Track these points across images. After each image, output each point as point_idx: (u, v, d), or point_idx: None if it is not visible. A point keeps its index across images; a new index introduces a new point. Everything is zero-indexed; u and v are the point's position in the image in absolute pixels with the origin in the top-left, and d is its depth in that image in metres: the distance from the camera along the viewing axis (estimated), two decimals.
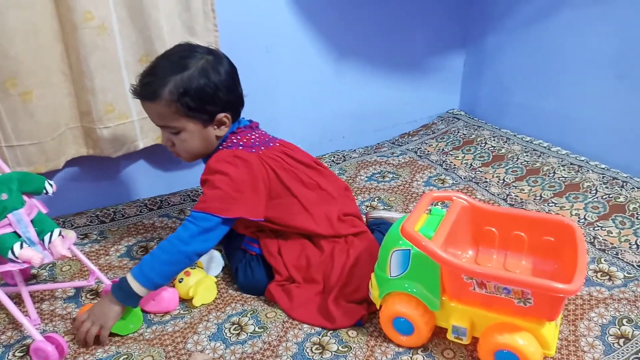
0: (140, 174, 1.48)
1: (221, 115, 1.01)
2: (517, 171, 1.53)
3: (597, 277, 1.10)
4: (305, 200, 1.08)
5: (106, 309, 0.93)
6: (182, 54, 1.00)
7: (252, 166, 1.01)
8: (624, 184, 1.38)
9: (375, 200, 1.45)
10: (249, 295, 1.10)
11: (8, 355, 0.96)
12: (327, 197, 1.11)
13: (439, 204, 1.33)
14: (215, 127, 1.03)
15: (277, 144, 1.10)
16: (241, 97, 1.05)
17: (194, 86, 0.96)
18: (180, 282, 1.07)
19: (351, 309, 1.00)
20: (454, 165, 1.61)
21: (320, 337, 0.98)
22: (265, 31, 1.49)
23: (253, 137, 1.08)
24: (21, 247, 0.90)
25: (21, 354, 0.96)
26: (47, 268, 1.19)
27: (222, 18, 1.33)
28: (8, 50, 1.12)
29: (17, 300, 1.04)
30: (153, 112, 1.00)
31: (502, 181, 1.49)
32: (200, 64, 0.97)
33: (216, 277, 1.14)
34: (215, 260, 1.17)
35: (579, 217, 1.29)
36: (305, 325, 1.00)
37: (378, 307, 0.97)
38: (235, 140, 1.05)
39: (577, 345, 0.93)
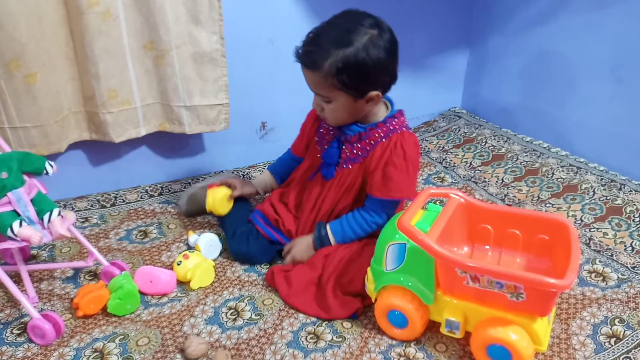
0: (142, 160, 1.49)
1: (373, 93, 1.02)
2: (516, 171, 1.53)
3: (591, 277, 1.10)
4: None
5: (308, 251, 1.11)
6: (349, 25, 0.98)
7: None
8: (622, 186, 1.39)
9: None
10: (246, 280, 1.11)
11: (6, 332, 0.97)
12: None
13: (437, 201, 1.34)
14: (366, 102, 1.04)
15: None
16: (395, 75, 1.06)
17: (353, 64, 0.96)
18: (178, 264, 1.08)
19: (347, 301, 1.01)
20: (454, 163, 1.61)
21: (315, 326, 0.99)
22: (270, 23, 1.49)
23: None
24: (20, 225, 0.91)
25: (19, 332, 0.97)
26: (47, 249, 1.20)
27: (227, 8, 1.33)
28: (11, 32, 1.12)
29: (16, 279, 1.05)
30: (310, 79, 1.02)
31: (500, 181, 1.50)
32: (363, 41, 0.96)
33: (214, 260, 1.15)
34: (213, 244, 1.18)
35: (575, 218, 1.30)
36: (300, 315, 1.01)
37: (373, 300, 0.98)
38: (407, 124, 1.10)
39: (568, 343, 0.94)
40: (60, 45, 1.22)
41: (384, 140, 1.06)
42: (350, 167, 1.09)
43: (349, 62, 0.96)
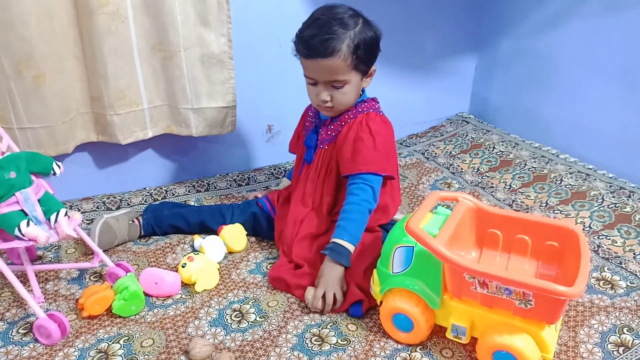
0: (148, 162, 1.49)
1: (374, 68, 1.10)
2: (524, 177, 1.52)
3: (599, 285, 1.09)
4: (397, 185, 1.19)
5: (336, 274, 1.02)
6: (336, 13, 1.04)
7: (393, 132, 1.14)
8: (631, 194, 1.37)
9: None
10: (251, 282, 1.11)
11: (12, 331, 0.97)
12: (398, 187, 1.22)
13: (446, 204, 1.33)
14: (366, 79, 1.10)
15: None
16: None
17: (365, 39, 1.03)
18: (183, 267, 1.08)
19: (349, 291, 1.02)
20: (461, 168, 1.60)
21: (320, 329, 0.98)
22: (279, 26, 1.49)
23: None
24: (28, 225, 0.91)
25: (25, 331, 0.97)
26: (53, 250, 1.20)
27: (235, 10, 1.33)
28: (22, 32, 1.13)
29: (23, 279, 1.05)
30: (325, 67, 1.03)
31: (508, 187, 1.49)
32: (359, 22, 1.04)
33: (219, 263, 1.15)
34: (218, 246, 1.17)
35: (584, 225, 1.29)
36: (305, 317, 1.01)
37: (379, 303, 0.97)
38: (377, 106, 1.15)
39: (576, 351, 0.93)
40: (70, 46, 1.23)
41: (351, 120, 1.11)
42: (325, 147, 1.14)
43: (361, 39, 1.03)
